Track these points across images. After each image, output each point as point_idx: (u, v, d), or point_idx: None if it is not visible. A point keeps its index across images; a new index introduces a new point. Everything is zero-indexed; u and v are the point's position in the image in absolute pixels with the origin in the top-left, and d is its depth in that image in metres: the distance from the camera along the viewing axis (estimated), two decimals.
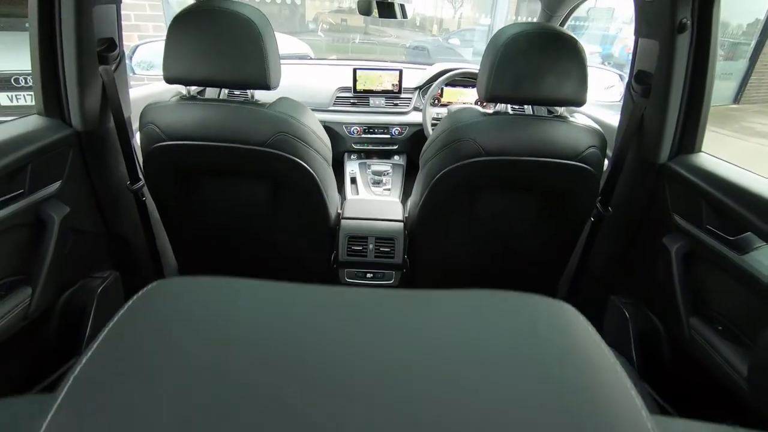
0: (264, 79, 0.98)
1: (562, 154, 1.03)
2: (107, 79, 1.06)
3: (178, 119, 1.01)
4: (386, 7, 1.69)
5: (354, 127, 1.99)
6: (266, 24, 0.98)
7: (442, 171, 1.09)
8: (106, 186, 1.17)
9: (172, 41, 0.95)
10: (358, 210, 1.40)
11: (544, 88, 0.99)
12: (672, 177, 1.06)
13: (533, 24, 1.00)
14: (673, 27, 0.93)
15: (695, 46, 0.96)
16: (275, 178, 1.12)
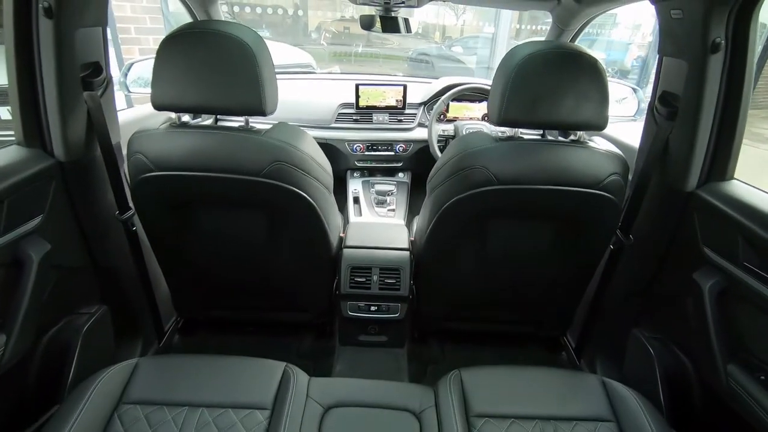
0: (259, 105, 0.91)
1: (582, 182, 0.95)
2: (92, 105, 0.99)
3: (168, 148, 0.94)
4: (390, 22, 1.63)
5: (357, 144, 1.92)
6: (262, 46, 0.91)
7: (451, 200, 1.01)
8: (93, 217, 1.10)
9: (161, 65, 0.89)
10: (361, 236, 1.32)
11: (561, 111, 0.91)
12: (702, 206, 0.97)
13: (549, 43, 0.92)
14: (705, 47, 0.85)
15: (729, 66, 0.88)
16: (273, 208, 1.05)
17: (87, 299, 1.15)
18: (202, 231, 1.11)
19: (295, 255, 1.16)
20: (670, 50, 0.97)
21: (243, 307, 1.37)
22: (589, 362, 1.39)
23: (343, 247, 1.27)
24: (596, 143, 1.00)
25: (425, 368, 1.43)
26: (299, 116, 1.92)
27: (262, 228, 1.10)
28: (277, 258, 1.17)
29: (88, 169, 1.05)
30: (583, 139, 1.00)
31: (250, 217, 1.08)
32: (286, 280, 1.24)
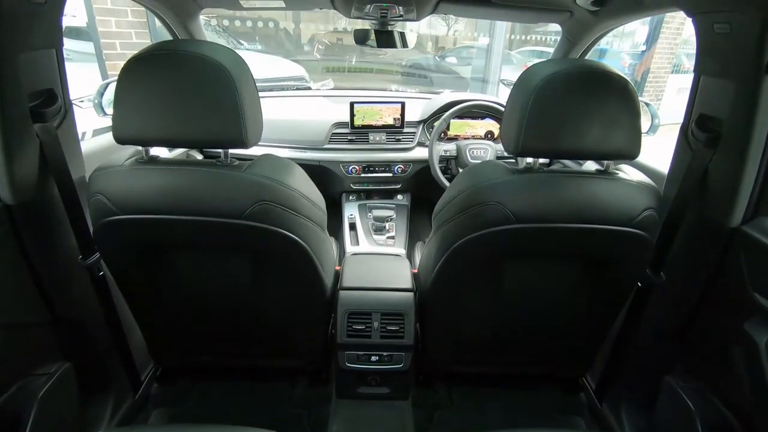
0: (239, 136, 0.78)
1: (613, 219, 0.83)
2: (46, 138, 0.86)
3: (133, 188, 0.80)
4: (385, 36, 1.52)
5: (352, 165, 1.80)
6: (242, 68, 0.78)
7: (462, 240, 0.89)
8: (51, 264, 0.96)
9: (123, 92, 0.76)
10: (359, 274, 1.19)
11: (588, 139, 0.79)
12: (750, 245, 0.85)
13: (571, 61, 0.80)
14: (760, 66, 0.74)
15: None
16: (257, 251, 0.92)
17: (45, 357, 1.00)
18: (177, 277, 0.97)
19: (284, 301, 1.03)
20: (711, 69, 0.86)
21: (227, 354, 1.23)
22: (612, 407, 1.26)
23: (339, 288, 1.13)
24: (626, 173, 0.88)
25: (432, 415, 1.29)
26: (290, 137, 1.80)
27: (245, 273, 0.96)
28: (264, 304, 1.03)
29: (42, 210, 0.91)
30: (611, 169, 0.88)
31: (231, 262, 0.95)
32: (275, 326, 1.10)
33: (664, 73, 6.48)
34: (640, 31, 6.89)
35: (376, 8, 1.32)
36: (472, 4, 1.30)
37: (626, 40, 7.64)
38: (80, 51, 3.96)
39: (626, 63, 7.10)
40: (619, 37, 7.82)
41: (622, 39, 7.70)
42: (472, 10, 1.37)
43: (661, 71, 6.41)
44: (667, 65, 6.45)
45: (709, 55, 0.86)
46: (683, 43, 6.70)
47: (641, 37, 6.65)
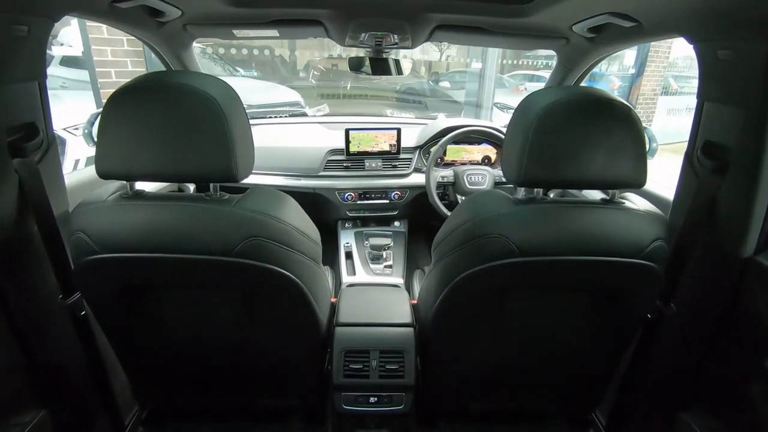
0: (229, 170, 0.74)
1: (622, 251, 0.79)
2: (26, 173, 0.82)
3: (116, 226, 0.76)
4: (380, 63, 1.51)
5: (348, 193, 1.76)
6: (233, 100, 0.75)
7: (464, 274, 0.84)
8: (28, 305, 0.90)
9: (108, 126, 0.72)
10: (356, 308, 1.13)
11: (592, 168, 0.76)
12: (765, 276, 0.81)
13: (571, 89, 0.78)
14: (767, 94, 0.72)
15: None
16: (248, 289, 0.87)
17: (19, 406, 0.93)
18: (163, 316, 0.92)
19: (276, 339, 0.97)
20: (715, 95, 0.84)
21: (216, 395, 1.16)
22: None
23: (335, 324, 1.08)
24: (632, 201, 0.85)
25: None
26: (285, 165, 1.77)
27: (235, 311, 0.91)
28: (255, 343, 0.97)
29: (20, 249, 0.86)
30: (616, 197, 0.85)
31: (220, 300, 0.90)
32: (267, 366, 1.04)
33: (654, 95, 6.61)
34: (628, 54, 7.06)
35: (370, 37, 1.31)
36: (467, 32, 1.30)
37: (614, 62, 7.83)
38: (76, 79, 3.98)
39: (616, 86, 7.25)
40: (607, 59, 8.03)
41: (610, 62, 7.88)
42: (467, 38, 1.36)
43: (650, 93, 6.53)
44: (656, 87, 6.59)
45: (713, 82, 0.84)
46: (670, 66, 6.87)
47: (630, 60, 6.81)
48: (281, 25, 1.26)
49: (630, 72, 6.82)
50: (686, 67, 7.95)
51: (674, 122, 7.19)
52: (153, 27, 1.22)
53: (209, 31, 1.37)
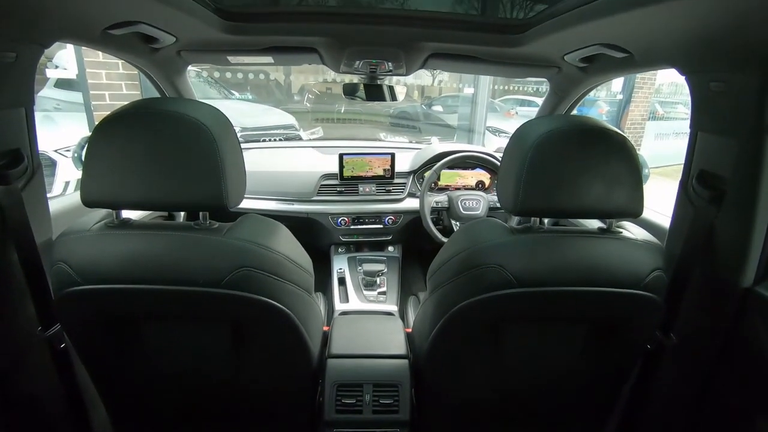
0: (219, 198, 0.72)
1: (621, 281, 0.77)
2: (8, 201, 0.79)
3: (99, 256, 0.73)
4: (374, 90, 1.53)
5: (341, 217, 1.75)
6: (224, 127, 0.74)
7: (460, 305, 0.82)
8: (6, 337, 0.86)
9: (95, 152, 0.70)
10: (349, 338, 1.10)
11: (589, 197, 0.75)
12: (765, 307, 0.80)
13: (567, 118, 0.78)
14: (762, 125, 0.72)
15: None
16: (237, 321, 0.83)
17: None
18: (148, 349, 0.88)
19: (265, 374, 0.93)
20: (708, 126, 0.84)
21: (202, 430, 1.11)
22: None
23: (328, 356, 1.04)
24: (629, 231, 0.84)
25: None
26: (278, 189, 1.76)
27: (223, 344, 0.87)
28: (243, 377, 0.93)
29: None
30: (614, 227, 0.84)
31: (208, 332, 0.86)
32: (255, 400, 1.00)
33: (642, 120, 6.77)
34: (616, 80, 7.25)
35: (365, 64, 1.32)
36: (460, 60, 1.31)
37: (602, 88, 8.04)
38: (69, 101, 3.98)
39: (604, 110, 7.41)
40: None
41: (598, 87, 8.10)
42: (461, 66, 1.38)
43: (639, 119, 6.69)
44: (644, 113, 6.75)
45: (705, 113, 0.85)
46: (656, 91, 7.06)
47: (617, 86, 6.99)
48: (276, 52, 1.26)
49: (618, 98, 6.99)
50: (671, 93, 8.19)
51: (663, 146, 7.35)
52: (147, 53, 1.21)
53: (203, 57, 1.37)
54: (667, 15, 0.72)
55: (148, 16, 0.94)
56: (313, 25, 1.11)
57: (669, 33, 0.80)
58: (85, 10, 0.81)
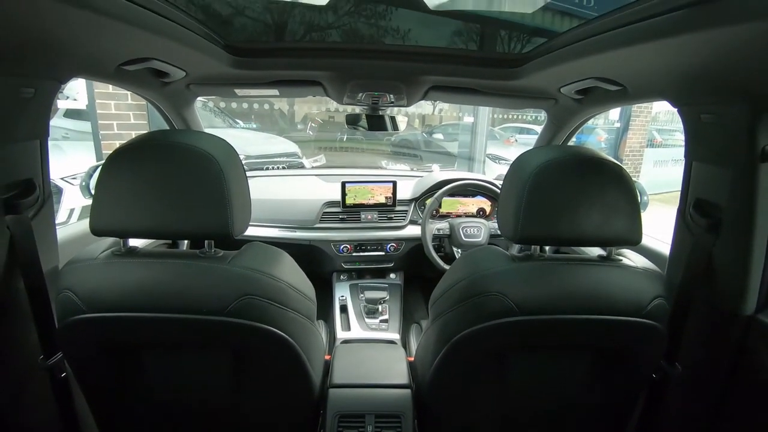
0: (225, 227, 0.74)
1: (622, 309, 0.78)
2: (18, 230, 0.81)
3: (106, 284, 0.74)
4: (376, 120, 1.56)
5: (344, 245, 1.76)
6: (232, 158, 0.76)
7: (462, 333, 0.82)
8: (7, 366, 0.86)
9: (106, 182, 0.73)
10: (351, 368, 1.09)
11: (588, 226, 0.77)
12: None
13: (564, 149, 0.80)
14: (753, 155, 0.74)
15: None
16: (239, 350, 0.83)
17: None
18: (148, 379, 0.87)
19: (266, 403, 0.92)
20: (702, 156, 0.86)
21: None
22: None
23: (329, 386, 1.03)
24: (629, 258, 0.85)
25: None
26: (281, 217, 1.78)
27: (225, 373, 0.87)
28: (244, 406, 0.92)
29: (4, 307, 0.83)
30: (613, 255, 0.84)
31: (209, 361, 0.86)
32: (256, 430, 0.98)
33: (641, 148, 6.86)
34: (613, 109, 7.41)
35: (367, 96, 1.36)
36: (460, 93, 1.36)
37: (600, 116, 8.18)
38: (78, 130, 4.08)
39: (602, 138, 7.53)
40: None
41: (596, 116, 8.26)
42: (461, 98, 1.43)
43: (637, 146, 6.79)
44: (642, 140, 6.85)
45: (699, 143, 0.87)
46: (653, 119, 7.18)
47: (614, 115, 7.12)
48: (281, 85, 1.31)
49: (615, 125, 7.11)
50: (668, 120, 8.32)
51: (662, 173, 7.41)
52: (157, 87, 1.26)
53: (212, 90, 1.42)
54: (657, 52, 0.75)
55: (161, 53, 0.99)
56: (318, 60, 1.15)
57: (660, 68, 0.84)
58: (102, 48, 0.85)
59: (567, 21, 1.55)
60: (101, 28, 0.73)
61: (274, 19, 1.62)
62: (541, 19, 1.58)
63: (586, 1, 1.51)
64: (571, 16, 1.55)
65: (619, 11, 0.75)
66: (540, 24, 1.60)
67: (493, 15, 1.68)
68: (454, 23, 1.69)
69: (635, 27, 0.72)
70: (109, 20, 0.70)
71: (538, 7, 1.56)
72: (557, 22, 1.56)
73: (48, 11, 0.62)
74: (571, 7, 1.53)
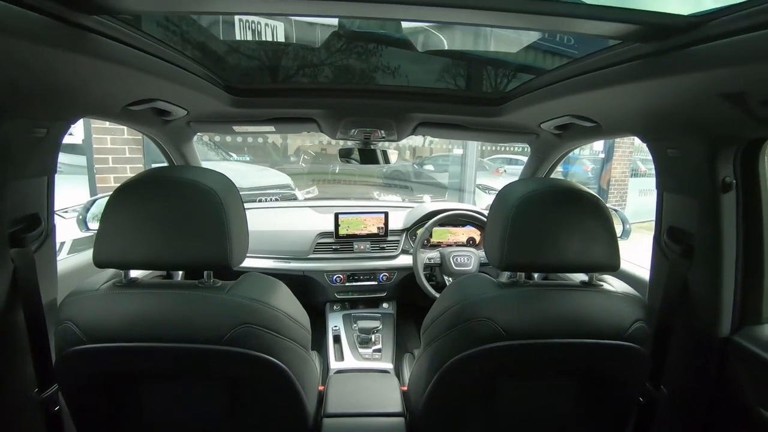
0: (224, 257, 0.77)
1: (604, 332, 0.81)
2: (21, 263, 0.83)
3: (106, 314, 0.76)
4: (368, 154, 1.63)
5: (337, 275, 1.78)
6: (231, 191, 0.81)
7: (453, 359, 0.84)
8: (1, 399, 0.85)
9: (111, 216, 0.76)
10: (345, 397, 1.10)
11: (568, 253, 0.81)
12: (744, 356, 0.83)
13: (544, 181, 0.86)
14: (715, 186, 0.81)
15: (743, 204, 0.83)
16: (235, 378, 0.85)
17: None
18: (143, 410, 0.87)
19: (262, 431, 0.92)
20: (671, 187, 0.93)
21: None
22: None
23: (323, 415, 1.03)
24: (610, 284, 0.89)
25: None
26: (275, 248, 1.81)
27: (220, 403, 0.88)
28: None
29: (3, 340, 0.84)
30: (595, 280, 0.89)
31: (205, 391, 0.87)
32: None
33: (624, 177, 7.05)
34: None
35: (360, 132, 1.44)
36: (447, 128, 1.43)
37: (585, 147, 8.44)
38: (72, 164, 4.11)
39: (588, 168, 7.74)
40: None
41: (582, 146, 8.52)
42: (448, 133, 1.50)
43: (621, 176, 6.98)
44: (626, 170, 7.05)
45: (667, 175, 0.94)
46: (636, 150, 7.42)
47: (598, 146, 7.36)
48: (277, 122, 1.38)
49: (600, 156, 7.33)
50: None
51: (647, 201, 7.58)
52: (159, 125, 1.32)
53: (211, 127, 1.48)
54: (624, 94, 0.83)
55: (165, 94, 1.05)
56: (313, 99, 1.22)
57: (629, 108, 0.91)
58: (110, 91, 0.91)
59: (549, 59, 1.65)
60: (110, 73, 0.79)
61: (271, 60, 1.71)
62: (524, 58, 1.69)
63: (566, 41, 1.61)
64: (553, 54, 1.66)
65: (591, 56, 0.84)
66: (523, 61, 1.70)
67: (479, 54, 1.79)
68: (442, 60, 1.80)
69: (604, 72, 0.79)
70: (117, 66, 0.75)
71: (521, 47, 1.67)
72: (539, 59, 1.67)
73: (61, 60, 0.67)
74: (553, 46, 1.63)
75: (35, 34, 0.56)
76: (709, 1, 0.62)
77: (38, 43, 0.58)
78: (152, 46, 0.80)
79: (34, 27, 0.56)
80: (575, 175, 8.36)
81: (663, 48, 0.64)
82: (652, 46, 0.65)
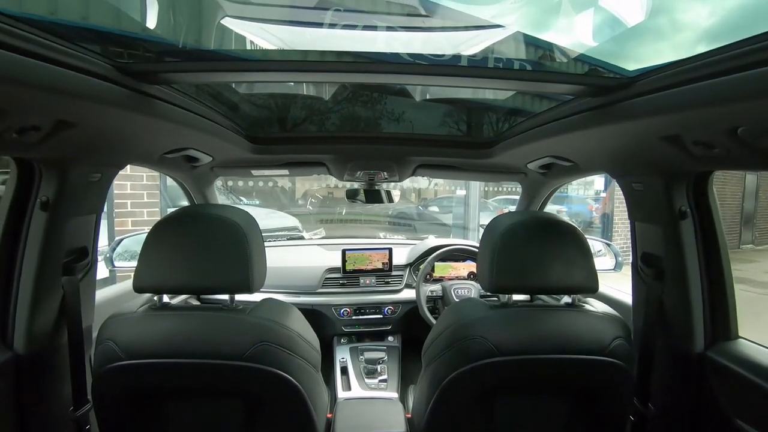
0: (246, 283, 0.89)
1: (586, 348, 0.90)
2: (69, 290, 0.95)
3: (143, 334, 0.87)
4: (373, 194, 1.77)
5: (344, 308, 1.87)
6: (253, 226, 0.93)
7: (450, 376, 0.93)
8: (41, 417, 0.94)
9: (150, 247, 0.88)
10: (352, 421, 1.16)
11: (552, 276, 0.91)
12: (718, 370, 0.91)
13: (527, 213, 0.98)
14: (674, 214, 0.92)
15: (700, 230, 0.94)
16: (250, 394, 0.93)
17: None
18: (166, 428, 0.95)
19: None
20: (640, 216, 1.04)
21: None
22: None
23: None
24: (592, 305, 0.99)
25: None
26: (285, 283, 1.91)
27: (237, 419, 0.96)
28: None
29: (48, 361, 0.95)
30: (577, 302, 0.98)
31: (222, 407, 0.95)
32: None
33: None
34: (598, 180, 7.83)
35: (365, 174, 1.59)
36: (444, 169, 1.58)
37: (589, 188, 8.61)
38: None
39: (592, 207, 7.86)
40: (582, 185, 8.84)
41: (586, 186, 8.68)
42: (445, 173, 1.65)
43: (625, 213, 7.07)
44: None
45: (635, 206, 1.06)
46: None
47: (600, 185, 7.53)
48: (291, 166, 1.54)
49: (602, 195, 7.47)
50: None
51: None
52: (187, 170, 1.48)
53: (232, 172, 1.64)
54: (591, 137, 0.96)
55: (196, 143, 1.20)
56: (323, 146, 1.38)
57: (597, 148, 1.05)
58: (153, 142, 1.06)
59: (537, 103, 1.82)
60: (156, 127, 0.94)
61: (287, 110, 1.89)
62: (512, 103, 1.86)
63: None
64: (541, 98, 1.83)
65: (562, 105, 0.98)
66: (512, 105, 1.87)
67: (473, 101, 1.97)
68: (440, 107, 1.98)
69: (572, 119, 0.94)
70: (162, 121, 0.91)
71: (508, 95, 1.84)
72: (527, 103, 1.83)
73: (122, 119, 0.83)
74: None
75: (109, 100, 0.72)
76: (650, 60, 0.77)
77: (110, 106, 0.73)
78: (189, 103, 0.96)
79: (109, 95, 0.71)
80: (577, 215, 8.47)
81: (609, 101, 0.78)
82: (600, 100, 0.80)
